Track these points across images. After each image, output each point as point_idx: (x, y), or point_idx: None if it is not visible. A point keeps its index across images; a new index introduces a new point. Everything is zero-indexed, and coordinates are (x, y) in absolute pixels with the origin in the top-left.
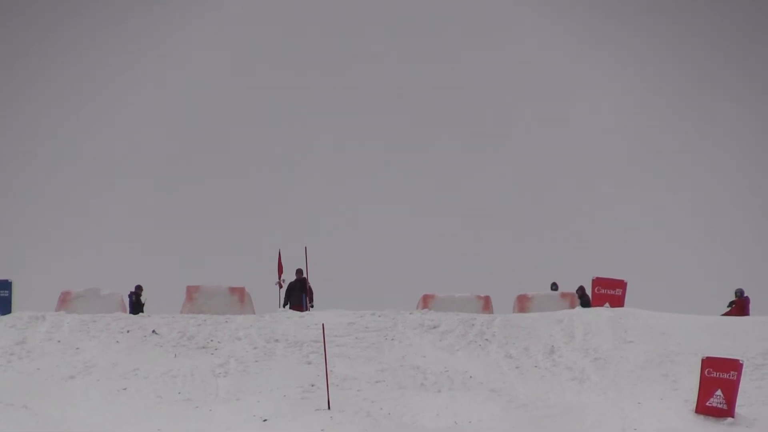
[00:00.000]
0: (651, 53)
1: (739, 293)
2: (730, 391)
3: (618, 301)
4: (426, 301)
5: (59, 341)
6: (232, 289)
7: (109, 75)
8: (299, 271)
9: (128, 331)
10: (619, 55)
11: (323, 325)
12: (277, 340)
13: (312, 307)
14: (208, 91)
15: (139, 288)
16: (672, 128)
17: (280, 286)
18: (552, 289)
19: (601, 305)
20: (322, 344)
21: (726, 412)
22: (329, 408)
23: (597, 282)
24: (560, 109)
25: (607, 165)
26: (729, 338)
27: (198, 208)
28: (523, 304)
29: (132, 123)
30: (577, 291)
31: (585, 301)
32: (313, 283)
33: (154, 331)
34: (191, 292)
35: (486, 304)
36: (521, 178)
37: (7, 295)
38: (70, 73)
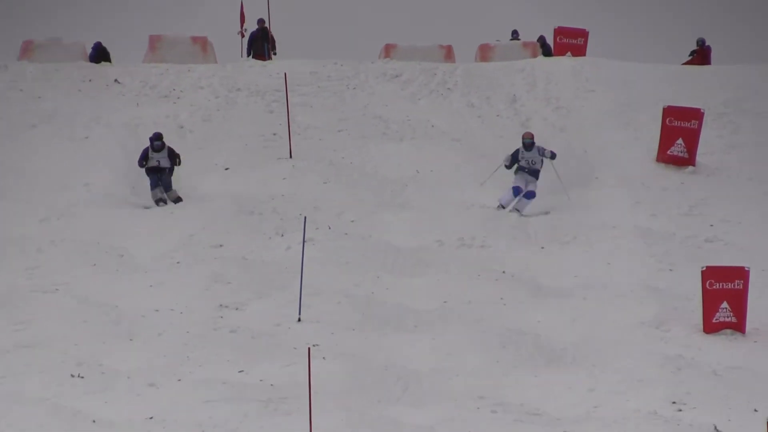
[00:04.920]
0: None
1: (701, 42)
2: (692, 139)
3: (580, 51)
4: (388, 51)
5: (21, 90)
6: (195, 39)
7: None
8: (261, 21)
9: (90, 80)
10: None
11: (285, 74)
12: (239, 90)
13: (274, 56)
14: None
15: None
16: None
17: (242, 36)
18: (512, 37)
19: (563, 54)
20: (285, 93)
21: (687, 160)
22: (291, 157)
23: (559, 31)
24: None
25: None
26: (690, 87)
27: None
28: (485, 53)
29: None
30: (537, 40)
31: (546, 51)
32: (275, 32)
33: (116, 80)
34: (154, 42)
35: (448, 54)
36: None
37: None
38: None
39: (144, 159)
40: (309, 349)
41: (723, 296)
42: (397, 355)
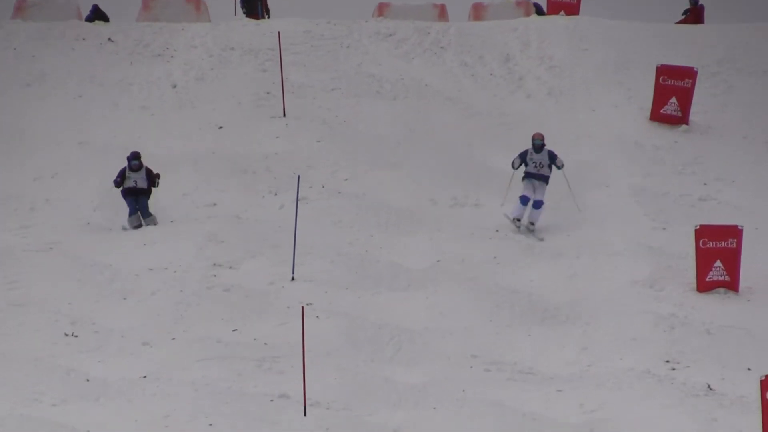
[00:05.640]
0: None
1: (694, 1)
2: (685, 99)
3: (573, 9)
4: (381, 10)
5: (15, 49)
6: None
7: None
8: None
9: (84, 39)
10: None
11: (279, 32)
12: (232, 48)
13: (268, 16)
14: None
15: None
16: None
17: None
18: None
19: (557, 13)
20: (278, 52)
21: (680, 119)
22: (285, 115)
23: None
24: None
25: None
26: (684, 46)
27: None
28: (478, 12)
29: None
30: None
31: (539, 10)
32: None
33: (109, 39)
34: (147, 0)
35: (441, 13)
36: None
37: None
38: None
39: (121, 178)
40: (302, 307)
41: (716, 255)
42: (391, 314)
